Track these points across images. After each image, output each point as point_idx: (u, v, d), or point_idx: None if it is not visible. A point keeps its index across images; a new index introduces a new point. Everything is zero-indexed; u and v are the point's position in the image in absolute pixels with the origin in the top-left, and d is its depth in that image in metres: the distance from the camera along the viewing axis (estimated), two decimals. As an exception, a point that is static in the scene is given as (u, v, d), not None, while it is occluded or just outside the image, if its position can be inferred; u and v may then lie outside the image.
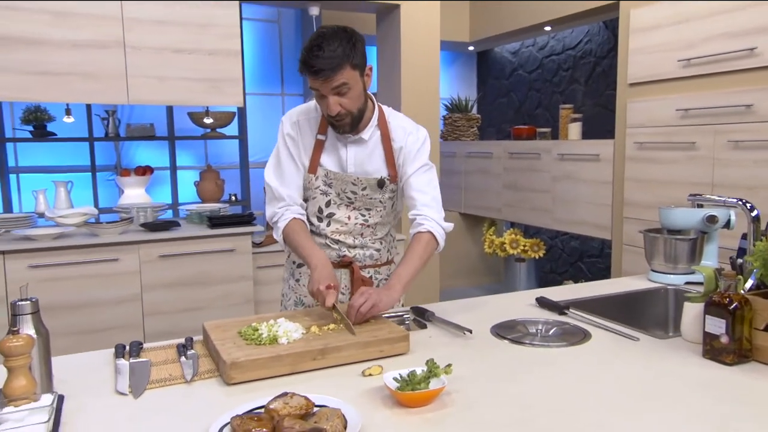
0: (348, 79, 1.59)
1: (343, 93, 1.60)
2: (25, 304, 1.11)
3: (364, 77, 1.66)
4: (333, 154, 1.78)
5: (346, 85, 1.59)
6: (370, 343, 1.38)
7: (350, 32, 1.61)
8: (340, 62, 1.55)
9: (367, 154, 1.78)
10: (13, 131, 3.82)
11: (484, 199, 4.77)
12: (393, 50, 3.86)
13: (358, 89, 1.64)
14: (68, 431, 1.06)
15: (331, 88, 1.57)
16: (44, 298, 2.93)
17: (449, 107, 5.22)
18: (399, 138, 1.79)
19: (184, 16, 3.19)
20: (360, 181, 1.77)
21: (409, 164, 1.78)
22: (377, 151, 1.78)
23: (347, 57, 1.56)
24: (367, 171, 1.78)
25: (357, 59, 1.60)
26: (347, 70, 1.57)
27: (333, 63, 1.54)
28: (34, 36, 2.92)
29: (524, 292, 2.00)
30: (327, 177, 1.77)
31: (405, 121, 1.84)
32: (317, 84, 1.58)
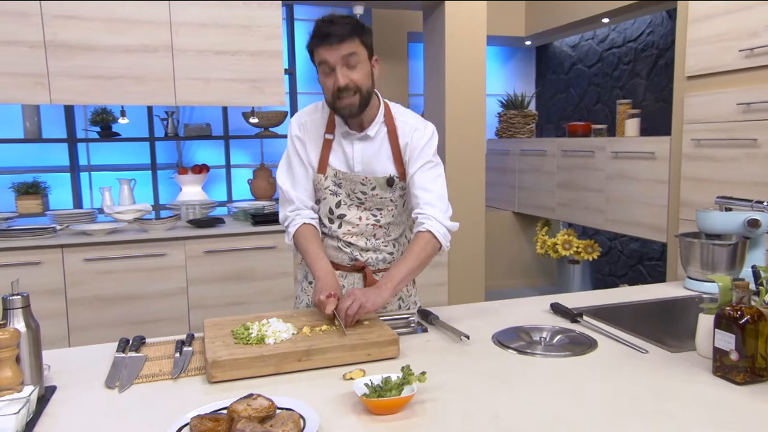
0: (357, 51, 1.58)
1: (353, 64, 1.58)
2: (16, 298, 1.18)
3: (371, 61, 1.65)
4: (340, 153, 1.76)
5: (355, 54, 1.57)
6: (357, 345, 1.37)
7: (361, 21, 1.63)
8: (351, 32, 1.56)
9: (374, 152, 1.75)
10: (85, 132, 4.07)
11: (538, 198, 4.63)
12: (438, 47, 3.82)
13: (366, 67, 1.63)
14: (48, 422, 1.12)
15: (341, 56, 1.56)
16: (98, 289, 3.13)
17: (504, 104, 5.10)
18: (405, 134, 1.76)
19: (227, 19, 3.28)
20: (369, 180, 1.74)
21: (414, 161, 1.74)
22: (384, 149, 1.75)
23: (357, 32, 1.58)
24: (375, 169, 1.75)
25: (366, 38, 1.61)
26: (356, 43, 1.57)
27: (344, 30, 1.55)
28: (90, 42, 3.10)
29: (541, 298, 1.93)
30: (336, 177, 1.75)
31: (412, 118, 1.80)
32: (327, 53, 1.56)
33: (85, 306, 3.13)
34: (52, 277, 3.07)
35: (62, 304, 3.09)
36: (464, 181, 3.86)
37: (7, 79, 3.01)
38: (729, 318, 1.26)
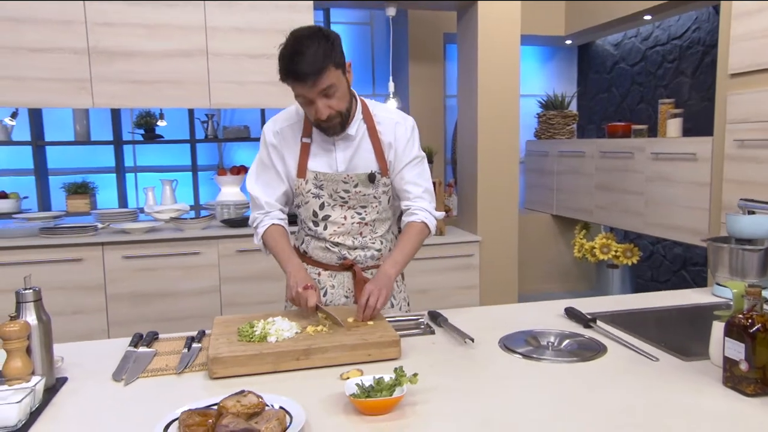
0: (333, 80, 1.56)
1: (331, 94, 1.58)
2: (28, 292, 1.24)
3: (346, 75, 1.64)
4: (322, 156, 1.76)
5: (332, 86, 1.57)
6: (357, 346, 1.38)
7: (325, 32, 1.59)
8: (323, 64, 1.52)
9: (355, 150, 1.75)
10: (132, 135, 4.23)
11: (576, 201, 4.53)
12: (471, 48, 3.79)
13: (343, 88, 1.62)
14: (53, 411, 1.17)
15: (318, 91, 1.55)
16: (135, 286, 3.25)
17: (544, 104, 5.01)
18: (387, 131, 1.76)
19: (261, 23, 3.35)
20: (351, 178, 1.75)
21: (401, 157, 1.77)
22: (365, 145, 1.76)
23: (328, 57, 1.53)
24: (358, 166, 1.76)
25: (337, 58, 1.57)
26: (331, 71, 1.55)
27: (316, 66, 1.51)
28: (131, 48, 3.22)
29: (556, 302, 1.88)
30: (317, 179, 1.75)
31: (391, 112, 1.81)
32: (304, 90, 1.56)
33: (123, 302, 3.25)
34: (93, 273, 3.20)
35: (102, 300, 3.22)
36: (497, 183, 3.81)
37: (54, 85, 3.16)
38: (739, 326, 1.21)
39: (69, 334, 3.19)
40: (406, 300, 1.97)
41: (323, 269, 1.85)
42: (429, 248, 3.68)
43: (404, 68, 4.63)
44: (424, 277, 3.70)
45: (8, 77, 3.11)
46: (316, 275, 1.85)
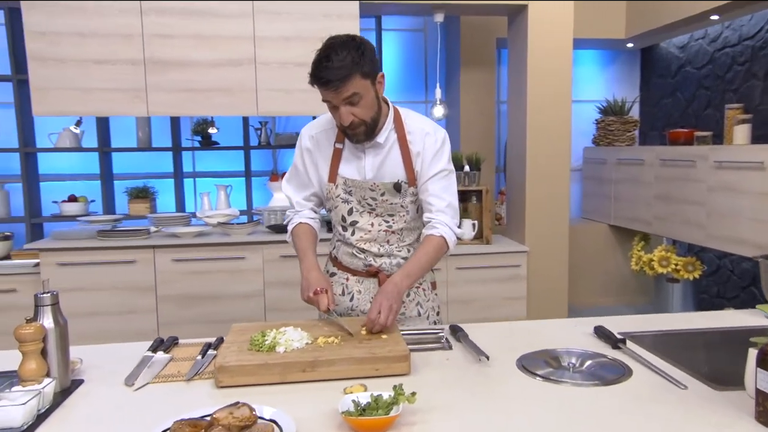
0: (359, 89, 1.58)
1: (355, 102, 1.59)
2: (45, 296, 1.29)
3: (375, 85, 1.64)
4: (352, 162, 1.77)
5: (357, 94, 1.58)
6: (365, 359, 1.36)
7: (359, 41, 1.60)
8: (349, 72, 1.54)
9: (384, 158, 1.75)
10: (192, 141, 4.38)
11: (634, 211, 4.32)
12: (520, 52, 3.69)
13: (369, 98, 1.62)
14: (62, 413, 1.21)
15: (342, 98, 1.57)
16: (184, 288, 3.35)
17: (603, 110, 4.82)
18: (417, 141, 1.74)
19: (308, 32, 3.39)
20: (377, 186, 1.74)
21: (427, 168, 1.74)
22: (394, 154, 1.75)
23: (356, 66, 1.55)
24: (385, 174, 1.76)
25: (366, 67, 1.58)
26: (357, 80, 1.56)
27: (342, 73, 1.53)
28: (182, 58, 3.33)
29: (587, 319, 1.79)
30: (346, 185, 1.77)
31: (422, 122, 1.78)
32: (329, 95, 1.59)
33: (172, 303, 3.36)
34: (144, 275, 3.33)
35: (152, 301, 3.34)
36: (546, 192, 3.69)
37: (114, 94, 3.31)
38: (770, 356, 1.10)
39: (121, 334, 3.33)
40: (435, 309, 1.93)
41: (351, 274, 1.85)
42: (474, 257, 3.61)
43: (456, 74, 4.57)
44: (469, 287, 3.62)
45: (75, 88, 3.29)
46: (344, 280, 1.86)
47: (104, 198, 4.27)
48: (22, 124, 3.91)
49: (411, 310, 1.86)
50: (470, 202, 3.87)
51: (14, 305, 3.31)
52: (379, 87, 1.67)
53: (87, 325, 3.29)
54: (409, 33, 4.79)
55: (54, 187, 4.31)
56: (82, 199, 4.12)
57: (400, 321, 1.85)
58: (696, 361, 1.49)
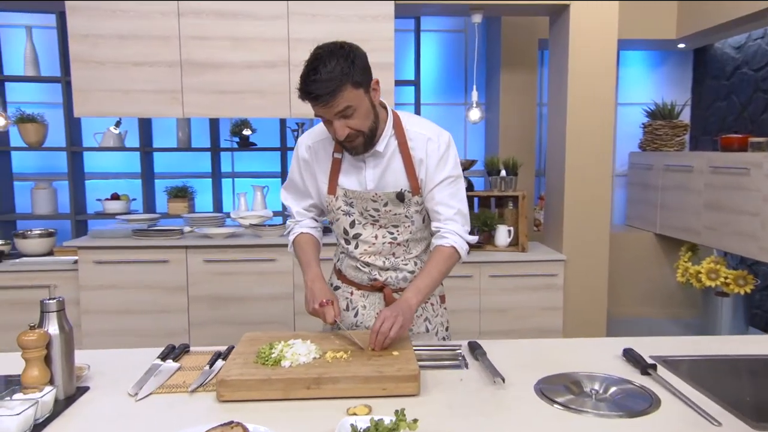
0: (351, 101, 1.48)
1: (349, 115, 1.50)
2: (51, 302, 1.28)
3: (370, 93, 1.55)
4: (352, 173, 1.69)
5: (350, 107, 1.49)
6: (371, 378, 1.30)
7: (348, 48, 1.50)
8: (339, 84, 1.44)
9: (385, 167, 1.67)
10: (231, 142, 4.41)
11: (682, 220, 4.11)
12: (561, 53, 3.56)
13: (364, 108, 1.53)
14: (61, 422, 1.20)
15: (334, 112, 1.48)
16: (214, 289, 3.37)
17: (651, 113, 4.62)
18: (419, 147, 1.65)
19: (342, 34, 3.30)
20: (379, 196, 1.66)
21: (432, 176, 1.65)
22: (395, 162, 1.66)
23: (346, 76, 1.45)
24: (387, 184, 1.67)
25: (357, 76, 1.48)
26: (348, 91, 1.47)
27: (331, 86, 1.44)
28: (217, 60, 3.34)
29: (617, 340, 1.68)
30: (346, 196, 1.69)
31: (424, 126, 1.69)
32: (320, 110, 1.49)
33: (203, 303, 3.38)
34: (177, 275, 3.36)
35: (184, 301, 3.37)
36: (586, 198, 3.55)
37: (151, 96, 3.35)
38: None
39: (155, 332, 3.37)
40: (444, 325, 1.85)
41: (356, 288, 1.80)
42: (509, 265, 3.50)
43: (496, 76, 4.46)
44: (503, 295, 3.52)
45: (114, 89, 3.35)
46: (348, 294, 1.81)
47: (145, 197, 4.34)
48: (70, 124, 4.02)
49: (419, 326, 1.79)
50: (506, 207, 3.76)
51: (53, 301, 3.39)
52: (374, 94, 1.58)
53: (120, 322, 3.35)
54: (449, 34, 4.70)
55: (99, 186, 4.43)
56: (124, 198, 4.21)
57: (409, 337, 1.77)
58: (736, 392, 1.37)
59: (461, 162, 3.78)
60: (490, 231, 3.72)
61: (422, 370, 1.45)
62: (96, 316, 3.36)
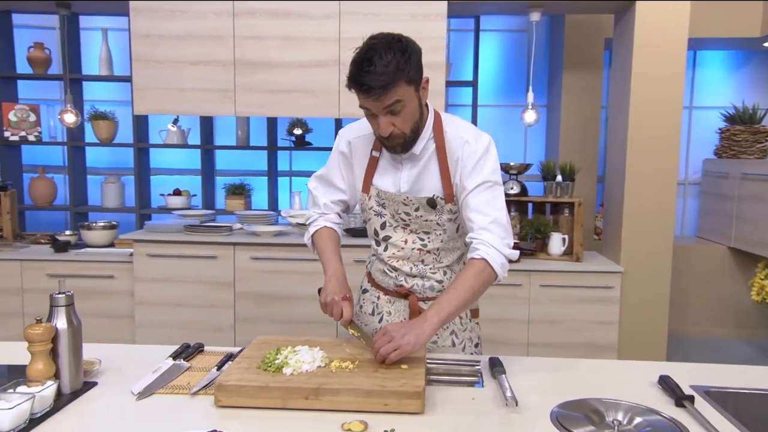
0: (402, 96, 1.42)
1: (397, 111, 1.44)
2: (60, 297, 1.30)
3: (420, 92, 1.49)
4: (388, 173, 1.63)
5: (399, 102, 1.43)
6: (373, 392, 1.24)
7: (405, 42, 1.44)
8: (394, 78, 1.38)
9: (421, 171, 1.59)
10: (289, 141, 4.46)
11: (760, 233, 3.80)
12: (625, 53, 3.35)
13: (412, 106, 1.47)
14: (59, 417, 1.20)
15: (383, 107, 1.42)
16: (260, 286, 3.40)
17: (729, 118, 4.29)
18: (455, 150, 1.56)
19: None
20: (411, 201, 1.59)
21: (467, 180, 1.55)
22: (432, 166, 1.58)
23: (401, 72, 1.39)
24: (422, 188, 1.60)
25: (412, 73, 1.42)
26: (401, 87, 1.41)
27: (385, 80, 1.38)
28: (269, 59, 3.37)
29: (656, 364, 1.54)
30: (379, 197, 1.63)
31: (464, 130, 1.59)
32: (368, 102, 1.43)
33: (249, 300, 3.42)
34: (224, 271, 3.42)
35: (231, 297, 3.42)
36: (648, 207, 3.32)
37: (204, 94, 3.43)
38: None
39: (202, 326, 3.44)
40: (473, 341, 1.75)
41: (383, 293, 1.74)
42: (561, 275, 3.33)
43: (559, 77, 4.28)
44: (554, 306, 3.36)
45: (171, 88, 3.45)
46: (375, 298, 1.75)
47: (204, 193, 4.46)
48: (137, 122, 4.18)
49: (444, 339, 1.70)
50: (562, 214, 3.59)
51: (111, 290, 3.53)
52: (424, 93, 1.52)
53: (171, 315, 3.44)
54: (511, 34, 4.56)
55: (165, 181, 4.59)
56: (185, 193, 4.34)
57: (431, 350, 1.69)
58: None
59: (514, 166, 3.67)
60: (543, 238, 3.57)
61: (434, 386, 1.38)
62: (148, 308, 3.46)
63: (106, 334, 3.53)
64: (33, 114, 4.31)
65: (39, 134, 4.33)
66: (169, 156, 4.61)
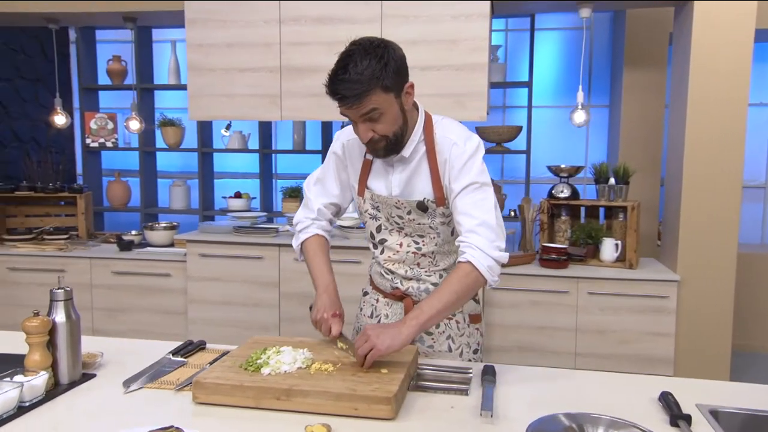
0: (379, 104, 1.40)
1: (375, 118, 1.43)
2: (59, 292, 1.37)
3: (402, 97, 1.46)
4: (381, 176, 1.62)
5: (376, 110, 1.41)
6: (343, 396, 1.23)
7: (383, 48, 1.41)
8: (368, 87, 1.37)
9: (411, 173, 1.57)
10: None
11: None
12: (684, 48, 3.15)
13: (392, 113, 1.45)
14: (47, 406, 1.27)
15: (359, 114, 1.42)
16: (303, 287, 3.47)
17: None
18: (443, 152, 1.54)
19: (435, 35, 3.26)
20: (402, 204, 1.58)
21: (455, 182, 1.52)
22: (422, 169, 1.56)
23: (376, 79, 1.38)
24: (413, 192, 1.58)
25: (388, 80, 1.40)
26: (377, 94, 1.39)
27: (359, 89, 1.37)
28: (314, 64, 3.43)
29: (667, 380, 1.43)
30: (373, 200, 1.63)
31: (453, 132, 1.55)
32: (344, 111, 1.43)
33: (294, 300, 3.49)
34: (270, 271, 3.51)
35: (276, 296, 3.51)
36: (709, 212, 3.10)
37: (252, 100, 3.54)
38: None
39: (249, 324, 3.55)
40: (471, 346, 1.70)
41: (382, 296, 1.73)
42: (612, 283, 3.17)
43: (618, 75, 4.08)
44: (604, 315, 3.20)
45: (222, 94, 3.59)
46: (374, 301, 1.76)
47: (262, 196, 4.61)
48: (201, 127, 4.39)
49: (441, 344, 1.67)
50: (616, 219, 3.42)
51: (167, 288, 3.71)
52: (407, 98, 1.49)
53: (220, 313, 3.58)
54: (570, 32, 4.40)
55: (229, 184, 4.79)
56: (245, 196, 4.50)
57: (427, 354, 1.67)
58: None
59: (565, 168, 3.53)
60: (595, 244, 3.41)
61: (418, 393, 1.36)
62: (200, 306, 3.61)
63: (163, 329, 3.72)
64: (111, 122, 4.63)
65: (115, 141, 4.64)
66: (233, 160, 4.81)
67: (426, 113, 1.60)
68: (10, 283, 3.82)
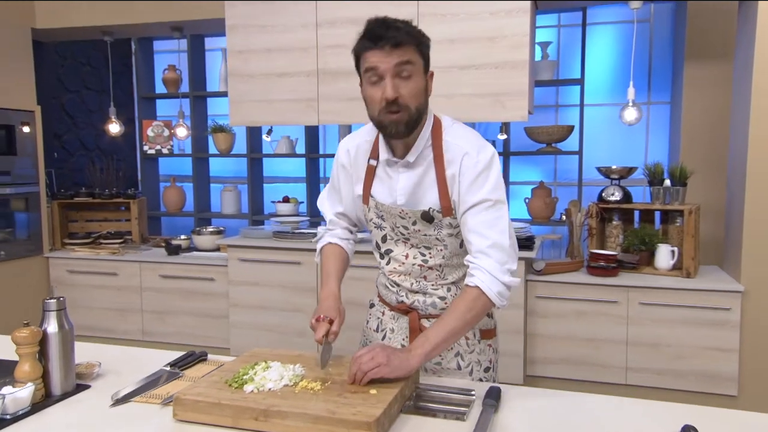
0: (413, 60, 1.36)
1: (405, 76, 1.36)
2: (51, 302, 1.36)
3: (427, 76, 1.42)
4: (385, 183, 1.52)
5: (409, 63, 1.35)
6: (321, 419, 1.15)
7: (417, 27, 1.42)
8: (408, 38, 1.36)
9: (417, 181, 1.47)
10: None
11: None
12: (748, 41, 2.88)
13: (420, 81, 1.39)
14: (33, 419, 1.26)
15: (393, 63, 1.34)
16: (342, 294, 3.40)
17: None
18: (453, 161, 1.42)
19: (473, 32, 3.14)
20: (407, 214, 1.47)
21: (465, 196, 1.41)
22: (428, 177, 1.46)
23: (416, 37, 1.38)
24: (419, 201, 1.47)
25: (424, 47, 1.41)
26: (413, 50, 1.37)
27: (402, 35, 1.34)
28: (351, 68, 3.34)
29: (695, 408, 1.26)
30: (377, 209, 1.53)
31: (465, 139, 1.44)
32: (377, 58, 1.35)
33: (331, 307, 3.45)
34: (308, 276, 3.48)
35: (313, 302, 3.48)
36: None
37: (289, 104, 3.53)
38: None
39: (287, 329, 3.54)
40: (481, 364, 1.58)
41: (388, 309, 1.64)
42: (667, 293, 2.94)
43: (680, 70, 3.80)
44: (657, 328, 2.97)
45: (261, 99, 3.60)
46: (380, 314, 1.68)
47: (308, 200, 4.61)
48: (251, 133, 4.45)
49: (449, 361, 1.56)
50: (672, 224, 3.18)
51: (211, 292, 3.76)
52: (429, 81, 1.44)
53: (256, 317, 3.59)
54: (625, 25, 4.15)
55: (279, 189, 4.83)
56: (293, 201, 4.52)
57: (435, 372, 1.56)
58: None
59: (615, 170, 3.31)
60: (649, 250, 3.18)
61: (409, 415, 1.26)
62: (241, 310, 3.64)
63: (206, 332, 3.77)
64: (166, 129, 4.76)
65: (171, 147, 4.77)
66: (284, 165, 4.84)
67: (435, 117, 1.50)
68: (68, 285, 3.98)
